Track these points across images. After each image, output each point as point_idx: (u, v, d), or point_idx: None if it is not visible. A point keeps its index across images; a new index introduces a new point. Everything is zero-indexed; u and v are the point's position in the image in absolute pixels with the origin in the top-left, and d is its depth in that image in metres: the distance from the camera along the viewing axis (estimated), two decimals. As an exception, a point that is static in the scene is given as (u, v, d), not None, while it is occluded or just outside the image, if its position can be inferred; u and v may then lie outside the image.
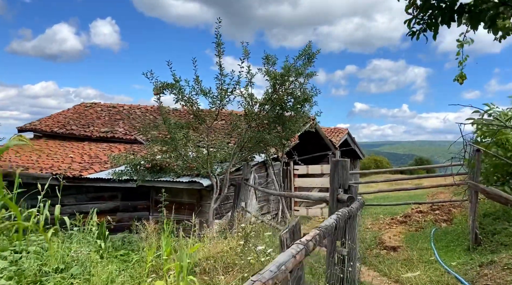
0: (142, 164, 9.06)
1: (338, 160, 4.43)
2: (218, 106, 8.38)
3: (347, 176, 4.44)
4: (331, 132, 18.62)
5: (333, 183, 4.45)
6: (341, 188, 4.43)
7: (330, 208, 4.51)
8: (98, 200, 10.13)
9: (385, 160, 70.55)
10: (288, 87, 8.63)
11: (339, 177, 4.41)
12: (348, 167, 4.46)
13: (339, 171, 4.40)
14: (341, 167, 4.39)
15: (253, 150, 9.16)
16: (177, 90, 7.74)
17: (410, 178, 10.76)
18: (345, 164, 4.43)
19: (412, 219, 9.39)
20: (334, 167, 4.43)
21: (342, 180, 4.41)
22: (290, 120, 8.80)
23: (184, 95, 7.93)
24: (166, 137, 8.51)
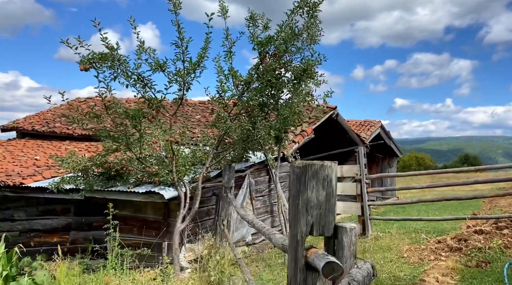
0: (91, 168, 6.75)
1: (309, 164, 1.84)
2: (182, 87, 5.90)
3: (332, 203, 1.85)
4: (360, 126, 15.71)
5: (295, 223, 1.88)
6: (316, 231, 1.88)
7: (288, 280, 1.94)
8: (49, 214, 7.97)
9: (428, 157, 65.73)
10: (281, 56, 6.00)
11: (311, 207, 1.84)
12: (333, 185, 1.85)
13: (311, 193, 1.82)
14: (318, 182, 1.81)
15: (235, 147, 6.60)
16: (112, 63, 5.31)
17: (466, 184, 7.78)
18: (328, 173, 1.84)
19: (469, 244, 6.50)
20: (297, 181, 1.86)
21: (316, 213, 1.83)
22: (287, 105, 6.15)
23: (128, 69, 5.49)
24: (115, 132, 6.13)
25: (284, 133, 6.62)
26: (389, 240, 7.70)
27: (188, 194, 6.31)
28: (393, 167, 18.27)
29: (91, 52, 5.39)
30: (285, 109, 5.84)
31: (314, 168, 1.77)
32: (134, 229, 7.04)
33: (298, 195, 1.79)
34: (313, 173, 1.77)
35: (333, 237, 1.83)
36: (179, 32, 5.66)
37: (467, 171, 8.21)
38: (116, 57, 5.41)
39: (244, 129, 6.12)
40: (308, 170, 1.77)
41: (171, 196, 6.22)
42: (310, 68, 5.76)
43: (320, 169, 1.77)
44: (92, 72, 5.59)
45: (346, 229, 1.80)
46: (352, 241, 1.80)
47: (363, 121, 16.55)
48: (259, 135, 5.89)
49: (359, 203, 8.58)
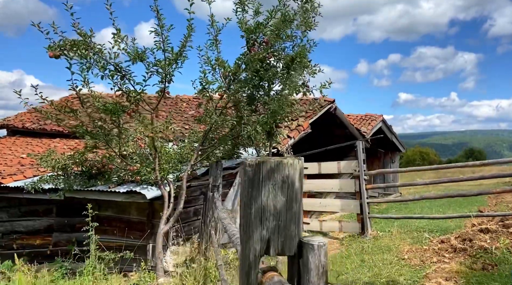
0: (71, 166, 6.36)
1: (264, 161, 1.40)
2: (163, 79, 5.47)
3: (295, 211, 1.42)
4: (360, 120, 15.24)
5: (246, 239, 1.45)
6: (273, 249, 1.44)
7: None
8: (32, 215, 7.59)
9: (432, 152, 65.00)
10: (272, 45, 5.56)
11: (266, 217, 1.41)
12: (296, 188, 1.41)
13: (267, 199, 1.39)
14: (275, 184, 1.38)
15: (221, 143, 6.16)
16: (85, 51, 4.88)
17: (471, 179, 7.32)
18: (288, 172, 1.40)
19: (474, 244, 6.06)
20: (249, 184, 1.43)
21: (274, 225, 1.40)
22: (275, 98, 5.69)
23: (104, 59, 5.05)
24: (93, 128, 5.72)
25: (276, 128, 6.18)
26: (389, 239, 7.27)
27: (173, 194, 5.91)
28: (395, 162, 17.80)
29: (63, 39, 4.97)
30: (273, 102, 5.39)
31: (270, 166, 1.35)
32: (118, 231, 6.66)
33: (250, 202, 1.37)
34: (268, 172, 1.35)
35: (297, 257, 1.41)
36: (158, 19, 5.23)
37: (472, 165, 7.74)
38: (89, 45, 4.99)
39: (230, 124, 5.69)
40: (262, 169, 1.35)
41: (153, 195, 5.81)
42: (301, 56, 5.30)
43: (278, 167, 1.35)
44: None
45: (313, 246, 1.38)
46: (322, 262, 1.38)
47: (364, 116, 16.06)
48: (245, 130, 5.45)
49: (358, 201, 8.15)
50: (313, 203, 8.98)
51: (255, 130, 5.26)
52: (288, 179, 1.36)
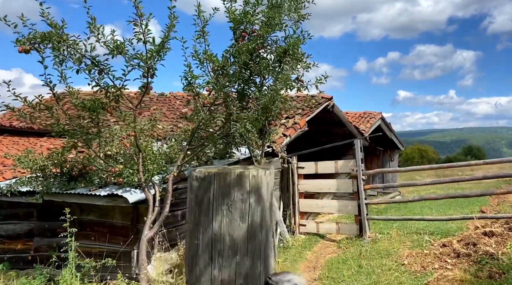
0: (49, 168, 5.97)
1: (217, 173, 1.00)
2: (146, 73, 5.07)
3: (261, 241, 1.03)
4: (359, 118, 14.88)
5: (191, 281, 1.03)
6: None
7: None
8: (13, 218, 7.21)
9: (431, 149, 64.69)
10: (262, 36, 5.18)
11: (219, 252, 1.00)
12: (265, 209, 1.01)
13: (219, 226, 0.99)
14: (232, 206, 0.98)
15: (209, 142, 5.77)
16: (58, 44, 4.48)
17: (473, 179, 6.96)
18: (252, 186, 1.00)
19: (479, 249, 5.70)
20: (196, 206, 1.02)
21: (229, 264, 0.99)
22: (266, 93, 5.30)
23: (78, 52, 4.65)
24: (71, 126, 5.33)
25: (268, 125, 5.80)
26: (388, 243, 6.91)
27: (158, 197, 5.53)
28: (394, 160, 17.45)
29: (33, 31, 4.57)
30: (264, 97, 5.00)
31: (225, 179, 0.97)
32: (101, 236, 6.28)
33: (197, 229, 0.99)
34: (222, 189, 0.97)
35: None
36: (136, 8, 4.83)
37: (475, 164, 7.37)
38: (62, 37, 4.59)
39: (219, 121, 5.31)
40: (214, 184, 0.97)
41: (136, 199, 5.43)
42: (294, 48, 4.91)
43: (237, 181, 0.97)
44: None
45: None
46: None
47: (363, 113, 15.71)
48: (234, 128, 5.06)
49: (355, 201, 7.78)
50: (309, 204, 8.61)
51: (245, 128, 4.87)
52: (250, 196, 0.99)
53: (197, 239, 0.99)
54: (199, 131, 5.79)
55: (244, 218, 0.99)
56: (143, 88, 5.29)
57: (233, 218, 0.98)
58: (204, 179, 0.99)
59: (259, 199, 1.01)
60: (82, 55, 4.69)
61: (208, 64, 5.52)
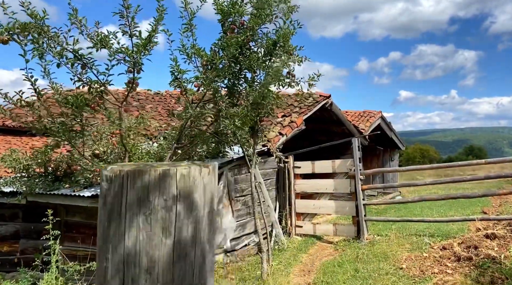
0: (33, 167, 5.75)
1: (133, 170, 0.74)
2: (132, 68, 4.83)
3: (197, 261, 0.76)
4: (358, 117, 14.62)
5: None
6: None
7: None
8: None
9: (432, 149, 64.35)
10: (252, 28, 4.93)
11: (133, 278, 0.73)
12: (199, 218, 0.75)
13: (133, 243, 0.73)
14: (151, 215, 0.72)
15: (197, 140, 5.53)
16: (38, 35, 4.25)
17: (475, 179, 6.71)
18: (180, 189, 0.75)
19: (480, 252, 5.44)
20: (106, 215, 0.76)
21: None
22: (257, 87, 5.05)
23: (59, 44, 4.41)
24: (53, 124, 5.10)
25: (260, 122, 5.56)
26: (387, 245, 6.66)
27: (144, 197, 5.29)
28: (395, 160, 17.17)
29: (13, 21, 4.33)
30: (254, 92, 4.76)
31: (143, 180, 0.73)
32: (87, 238, 6.05)
33: (106, 247, 0.75)
34: (139, 193, 0.73)
35: None
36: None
37: (477, 164, 7.11)
38: (43, 28, 4.35)
39: (208, 118, 5.07)
40: (127, 186, 0.73)
41: (122, 199, 5.20)
42: (284, 40, 4.67)
43: (160, 182, 0.73)
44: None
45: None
46: None
47: (362, 112, 15.44)
48: (223, 125, 4.82)
49: (353, 202, 7.54)
50: (306, 204, 8.37)
51: (234, 125, 4.63)
52: (178, 203, 0.75)
53: (106, 260, 0.75)
54: (188, 129, 5.55)
55: (168, 232, 0.75)
56: (129, 84, 5.06)
57: (152, 232, 0.74)
58: (114, 180, 0.75)
59: (190, 207, 0.76)
60: (63, 48, 4.45)
61: (197, 59, 5.29)
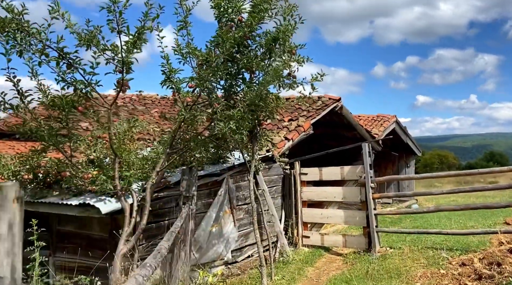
0: (20, 174, 5.46)
1: None
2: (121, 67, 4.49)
3: None
4: (372, 121, 14.08)
5: None
6: None
7: None
8: (-9, 228, 6.70)
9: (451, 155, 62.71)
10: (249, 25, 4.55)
11: None
12: None
13: None
14: None
15: (190, 145, 5.14)
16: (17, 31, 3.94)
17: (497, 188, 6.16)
18: None
19: (504, 270, 4.90)
20: None
21: None
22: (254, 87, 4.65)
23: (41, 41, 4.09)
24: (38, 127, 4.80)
25: (259, 126, 5.15)
26: (400, 259, 6.14)
27: (136, 207, 4.93)
28: (411, 166, 16.50)
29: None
30: (251, 92, 4.36)
31: None
32: (78, 249, 5.71)
33: None
34: None
35: None
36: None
37: (499, 171, 6.54)
38: (22, 24, 4.05)
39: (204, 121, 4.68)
40: None
41: (111, 209, 4.85)
42: (284, 35, 4.26)
43: None
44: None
45: None
46: None
47: (376, 116, 14.89)
48: (217, 128, 4.43)
49: (364, 212, 7.04)
50: (313, 213, 7.90)
51: (229, 128, 4.23)
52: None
53: None
54: (182, 133, 5.19)
55: None
56: (118, 85, 4.72)
57: None
58: None
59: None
60: (44, 46, 4.14)
61: (192, 59, 4.93)
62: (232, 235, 6.77)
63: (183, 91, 4.83)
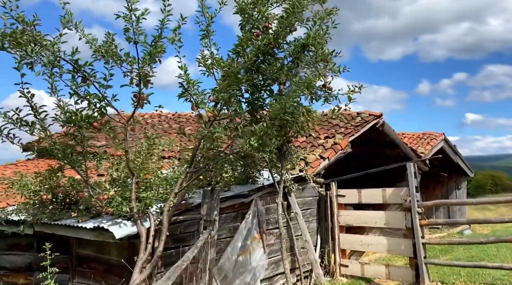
0: (39, 194, 5.24)
1: None
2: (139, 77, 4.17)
3: None
4: (417, 140, 13.14)
5: None
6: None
7: None
8: (16, 249, 6.60)
9: (505, 176, 58.39)
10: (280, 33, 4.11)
11: None
12: None
13: None
14: None
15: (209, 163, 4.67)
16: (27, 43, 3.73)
17: None
18: None
19: None
20: None
21: None
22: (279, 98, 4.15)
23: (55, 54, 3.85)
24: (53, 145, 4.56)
25: (288, 143, 4.64)
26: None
27: (152, 231, 4.52)
28: (462, 188, 15.19)
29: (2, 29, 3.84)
30: (275, 105, 3.86)
31: None
32: (96, 274, 5.38)
33: None
34: None
35: None
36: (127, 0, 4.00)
37: None
38: (34, 35, 3.83)
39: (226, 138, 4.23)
40: None
41: (125, 233, 4.46)
42: (314, 41, 3.77)
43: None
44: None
45: None
46: None
47: (421, 134, 13.89)
48: (237, 145, 3.97)
49: (410, 240, 6.25)
50: (352, 240, 7.17)
51: (249, 145, 3.75)
52: None
53: None
54: (205, 152, 4.76)
55: None
56: (136, 98, 4.40)
57: None
58: None
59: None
60: (56, 57, 3.89)
61: (216, 71, 4.55)
62: (262, 263, 6.20)
63: (205, 105, 4.43)
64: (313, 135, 8.45)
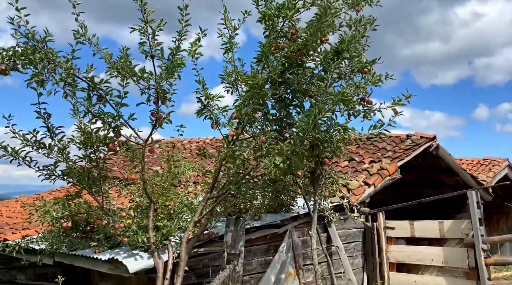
0: (60, 221, 4.97)
1: None
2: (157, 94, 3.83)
3: None
4: (477, 166, 11.88)
5: None
6: None
7: None
8: (44, 279, 6.40)
9: None
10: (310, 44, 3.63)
11: None
12: None
13: None
14: None
15: (228, 187, 4.14)
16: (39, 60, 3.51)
17: None
18: None
19: None
20: None
21: None
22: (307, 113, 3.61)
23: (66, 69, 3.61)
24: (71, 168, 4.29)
25: (321, 165, 4.04)
26: None
27: (170, 265, 4.03)
28: (532, 221, 13.46)
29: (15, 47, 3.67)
30: (302, 121, 3.31)
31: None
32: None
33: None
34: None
35: None
36: (142, 11, 3.72)
37: None
38: (46, 52, 3.62)
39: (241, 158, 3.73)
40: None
41: (140, 267, 4.02)
42: (350, 46, 3.25)
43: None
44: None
45: None
46: None
47: (482, 160, 12.57)
48: (262, 167, 3.44)
49: (473, 282, 5.29)
50: (405, 280, 6.25)
51: (274, 165, 3.21)
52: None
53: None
54: (231, 175, 4.27)
55: None
56: (154, 118, 4.05)
57: None
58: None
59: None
60: (69, 74, 3.65)
61: (240, 86, 4.13)
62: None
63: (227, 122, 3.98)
64: (356, 159, 7.73)
